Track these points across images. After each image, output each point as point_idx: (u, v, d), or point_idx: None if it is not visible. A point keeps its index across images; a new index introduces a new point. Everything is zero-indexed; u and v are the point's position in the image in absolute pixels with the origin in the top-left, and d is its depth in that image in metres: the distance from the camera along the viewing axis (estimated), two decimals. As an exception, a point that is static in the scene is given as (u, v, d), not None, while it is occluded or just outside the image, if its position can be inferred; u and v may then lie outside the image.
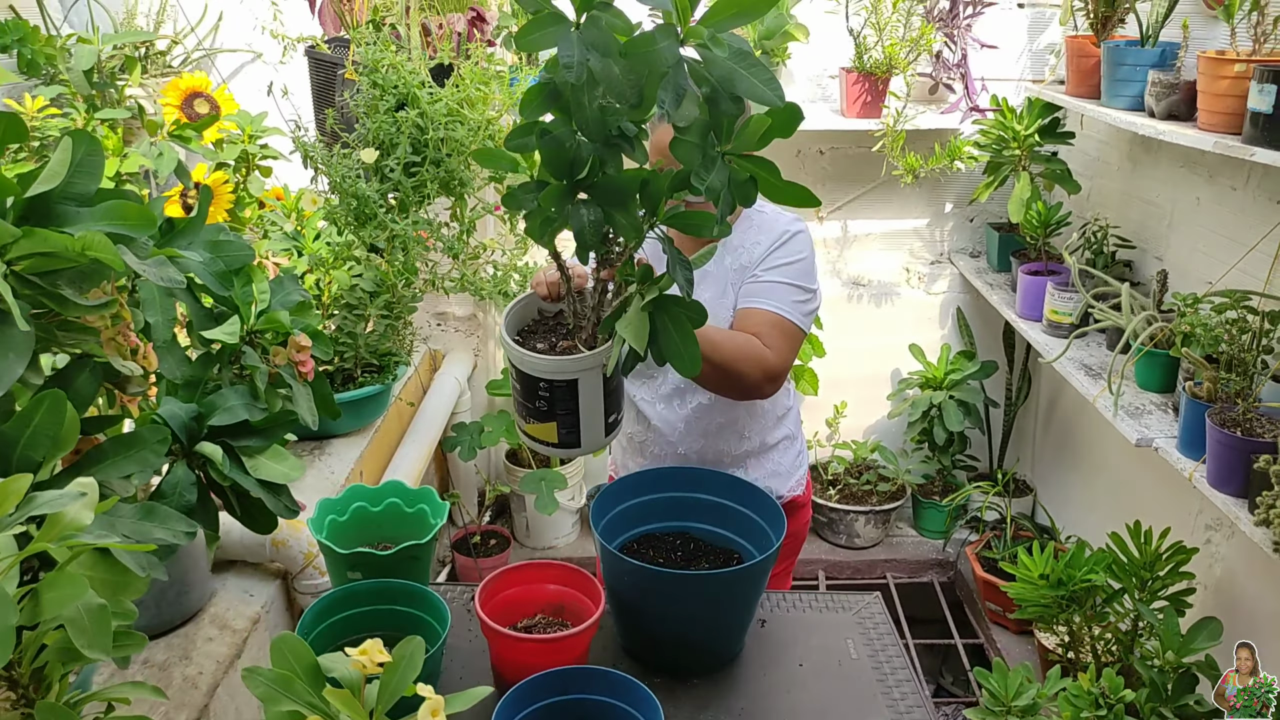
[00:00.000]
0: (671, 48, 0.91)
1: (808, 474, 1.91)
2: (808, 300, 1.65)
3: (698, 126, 0.98)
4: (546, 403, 1.24)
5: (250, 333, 1.25)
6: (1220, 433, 1.74)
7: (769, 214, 1.73)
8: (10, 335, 0.85)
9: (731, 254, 1.70)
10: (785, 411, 1.82)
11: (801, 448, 1.90)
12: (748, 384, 1.58)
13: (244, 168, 2.26)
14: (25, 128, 0.90)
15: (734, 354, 1.54)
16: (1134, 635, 2.03)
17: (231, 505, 1.18)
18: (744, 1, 0.92)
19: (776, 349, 1.59)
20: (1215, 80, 1.92)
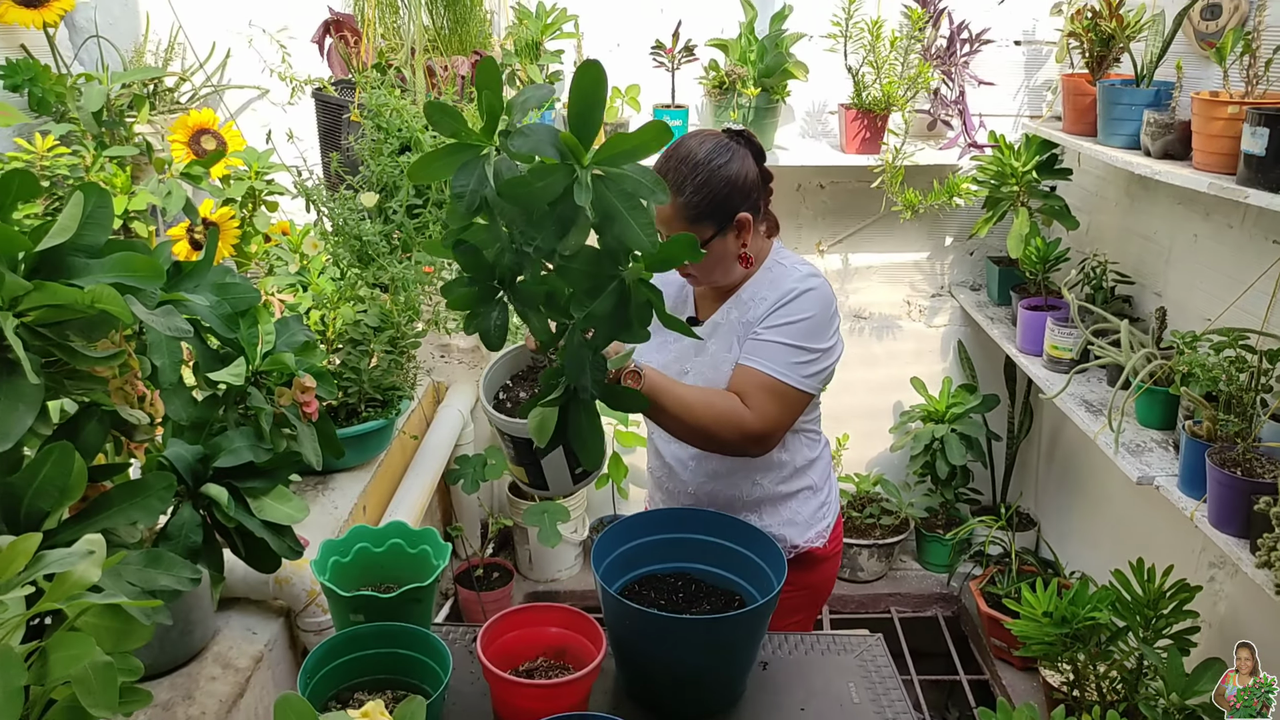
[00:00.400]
0: (554, 186, 0.96)
1: (836, 528, 1.84)
2: (812, 360, 1.61)
3: (586, 254, 1.03)
4: (513, 450, 1.34)
5: (255, 373, 1.27)
6: (1220, 473, 1.74)
7: (786, 266, 1.70)
8: (20, 387, 0.86)
9: (739, 308, 1.69)
10: (806, 463, 1.76)
11: (827, 500, 1.82)
12: (726, 445, 1.62)
13: (250, 203, 2.29)
14: (38, 184, 0.92)
15: (707, 417, 1.56)
16: (1139, 674, 2.02)
17: (236, 546, 1.19)
18: (634, 141, 0.96)
19: (760, 410, 1.59)
20: (1209, 121, 1.94)
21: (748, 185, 1.61)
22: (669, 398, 1.54)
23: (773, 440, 1.63)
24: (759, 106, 2.76)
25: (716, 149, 1.60)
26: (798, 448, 1.74)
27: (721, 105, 2.79)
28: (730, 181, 1.59)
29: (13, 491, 0.87)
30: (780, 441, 1.68)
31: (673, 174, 1.59)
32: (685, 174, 1.58)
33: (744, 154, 1.62)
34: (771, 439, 1.62)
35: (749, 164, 1.62)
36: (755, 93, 2.72)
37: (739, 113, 2.75)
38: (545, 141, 0.95)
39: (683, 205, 1.58)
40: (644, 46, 2.81)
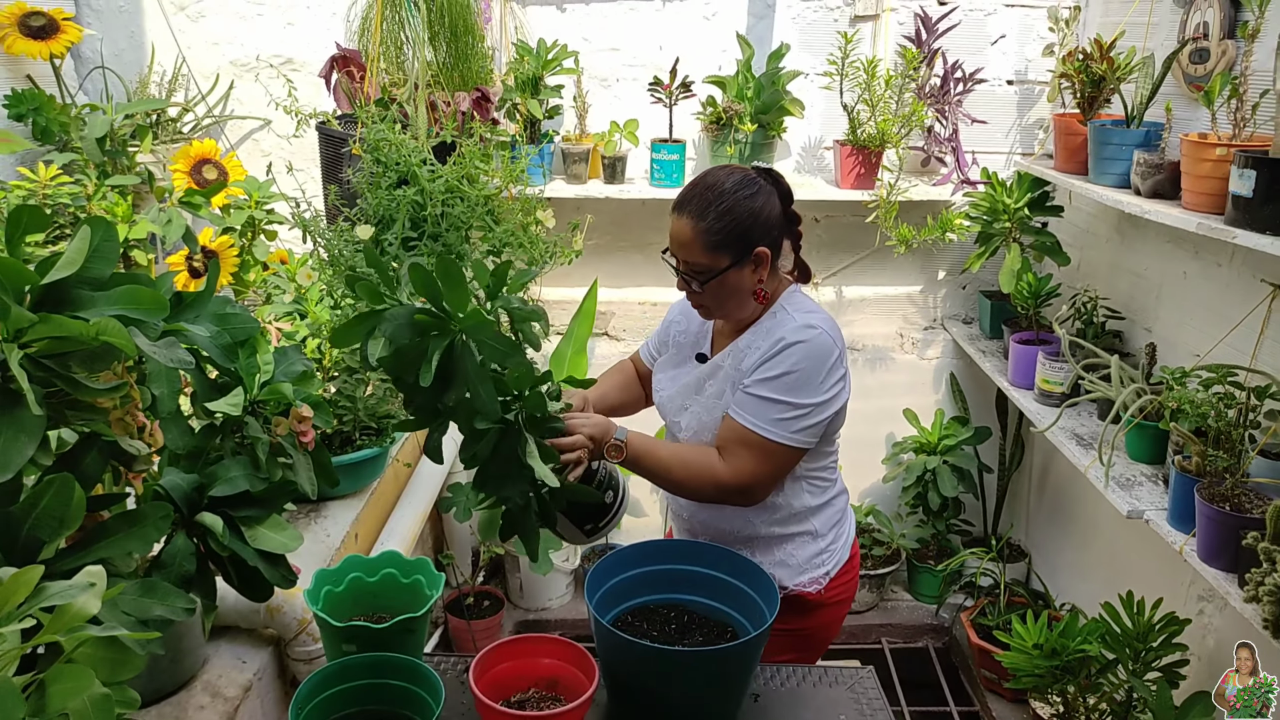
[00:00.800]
0: (415, 358, 1.18)
1: (841, 578, 1.79)
2: (799, 415, 1.59)
3: (465, 406, 1.23)
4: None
5: (253, 403, 1.28)
6: (1209, 508, 1.76)
7: (788, 313, 1.68)
8: (22, 418, 0.88)
9: (735, 355, 1.69)
10: (806, 509, 1.73)
11: (830, 548, 1.77)
12: (707, 499, 1.68)
13: (250, 232, 2.31)
14: (46, 219, 0.94)
15: (683, 475, 1.63)
16: (1128, 706, 2.02)
17: (229, 574, 1.20)
18: (479, 321, 1.19)
19: (735, 465, 1.61)
20: (1198, 163, 1.98)
21: (769, 221, 1.62)
22: (649, 461, 1.63)
23: (757, 492, 1.64)
24: (755, 142, 2.80)
25: (744, 182, 1.61)
26: (796, 493, 1.71)
27: (718, 140, 2.83)
28: (754, 214, 1.59)
29: (12, 521, 0.88)
30: (770, 492, 1.67)
31: (697, 200, 1.60)
32: (710, 201, 1.59)
33: (770, 191, 1.63)
34: (754, 492, 1.64)
35: (773, 202, 1.63)
36: (752, 129, 2.76)
37: (735, 148, 2.79)
38: (403, 325, 1.17)
39: (703, 231, 1.59)
40: (642, 82, 2.85)
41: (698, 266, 1.62)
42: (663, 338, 1.93)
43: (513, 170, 2.09)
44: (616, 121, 2.85)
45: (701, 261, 1.61)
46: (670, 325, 1.90)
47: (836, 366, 1.64)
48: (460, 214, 1.98)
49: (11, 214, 0.90)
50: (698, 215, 1.59)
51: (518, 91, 2.59)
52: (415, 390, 1.20)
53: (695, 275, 1.63)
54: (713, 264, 1.60)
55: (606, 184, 2.87)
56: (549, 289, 3.09)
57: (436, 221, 1.98)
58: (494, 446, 1.28)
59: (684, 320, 1.86)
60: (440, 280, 1.16)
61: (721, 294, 1.64)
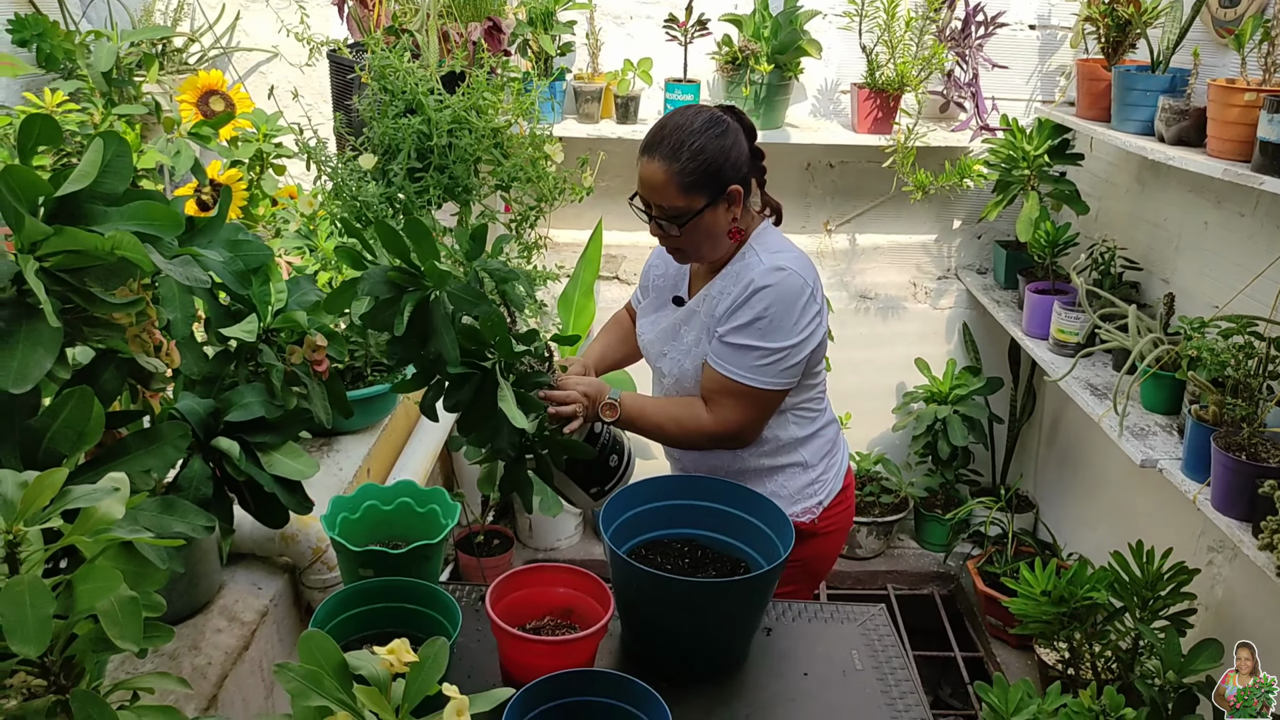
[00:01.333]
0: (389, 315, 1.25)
1: (834, 508, 1.80)
2: (776, 359, 1.59)
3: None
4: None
5: (267, 331, 1.27)
6: (1225, 456, 1.75)
7: (757, 255, 1.65)
8: (40, 330, 0.86)
9: (708, 301, 1.68)
10: (794, 440, 1.74)
11: (821, 478, 1.78)
12: (702, 448, 1.73)
13: (258, 166, 2.28)
14: (59, 129, 0.92)
15: (676, 431, 1.68)
16: (1134, 654, 2.04)
17: (245, 500, 1.20)
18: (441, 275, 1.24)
19: (721, 413, 1.64)
20: (1225, 108, 1.93)
21: (739, 159, 1.61)
22: (643, 421, 1.69)
23: (746, 436, 1.68)
24: (771, 83, 2.75)
25: (712, 120, 1.59)
26: (783, 425, 1.73)
27: (733, 81, 2.77)
28: (724, 152, 1.58)
29: (31, 434, 0.87)
30: (759, 433, 1.70)
31: (667, 142, 1.57)
32: (682, 141, 1.57)
33: (737, 129, 1.62)
34: (743, 436, 1.68)
35: (741, 140, 1.62)
36: (768, 69, 2.70)
37: (751, 89, 2.74)
38: (378, 282, 1.23)
39: (677, 173, 1.56)
40: (657, 19, 2.79)
41: (673, 210, 1.60)
42: (644, 282, 1.92)
43: (522, 103, 2.05)
44: (630, 60, 2.79)
45: (677, 204, 1.59)
46: (650, 270, 1.89)
47: (810, 304, 1.62)
48: (467, 145, 1.95)
49: (24, 123, 0.88)
50: (670, 157, 1.57)
51: (530, 26, 2.54)
52: (396, 343, 1.27)
53: (671, 218, 1.61)
54: (689, 205, 1.59)
55: (619, 124, 2.83)
56: (559, 230, 3.06)
57: (443, 153, 1.94)
58: (474, 393, 1.33)
59: (662, 264, 1.85)
60: (409, 238, 1.22)
61: (697, 235, 1.63)
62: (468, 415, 1.35)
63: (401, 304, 1.24)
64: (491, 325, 1.30)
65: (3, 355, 0.81)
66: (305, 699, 0.71)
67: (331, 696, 0.71)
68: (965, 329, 3.25)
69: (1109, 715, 1.76)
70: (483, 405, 1.34)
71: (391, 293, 1.25)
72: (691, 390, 1.71)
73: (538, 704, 1.09)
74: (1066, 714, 1.78)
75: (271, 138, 2.25)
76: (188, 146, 2.12)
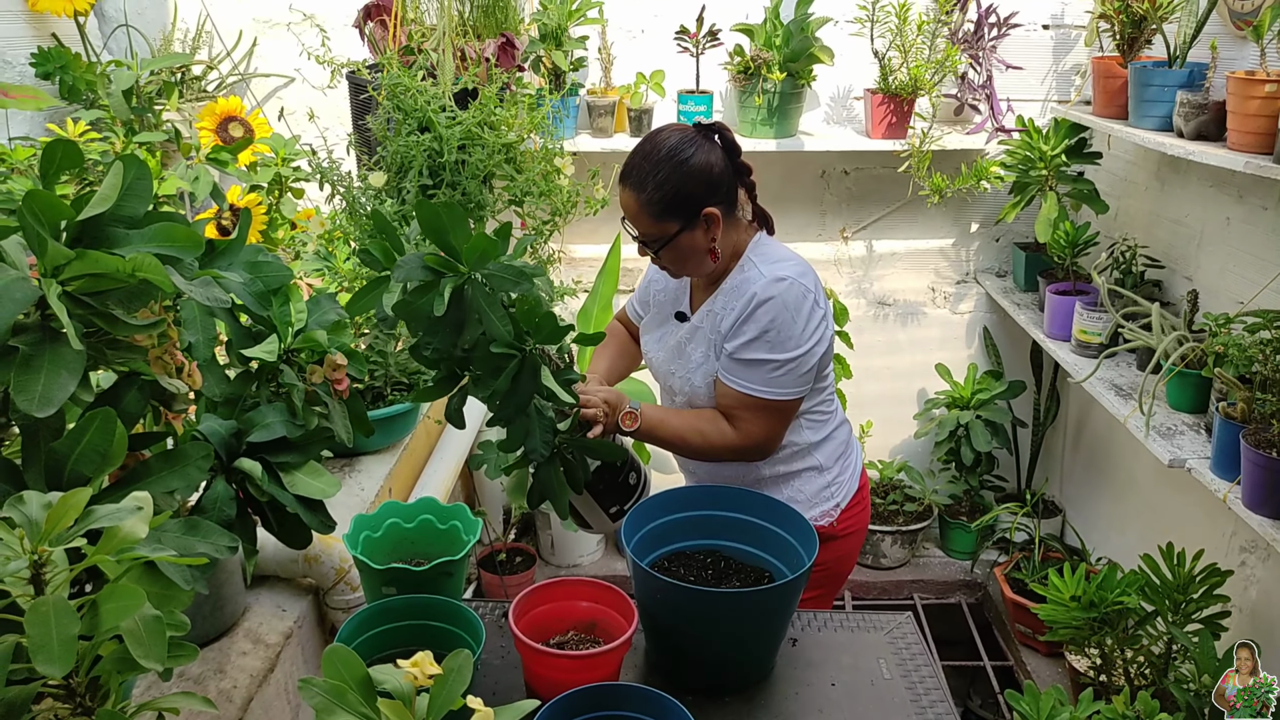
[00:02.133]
0: (427, 302, 1.21)
1: (851, 510, 1.80)
2: (787, 369, 1.60)
3: (483, 344, 1.27)
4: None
5: (288, 351, 1.27)
6: (1255, 454, 1.72)
7: (757, 267, 1.65)
8: (63, 354, 0.87)
9: (710, 317, 1.68)
10: (809, 445, 1.75)
11: (838, 480, 1.79)
12: (724, 460, 1.73)
13: (277, 190, 2.30)
14: (81, 154, 0.93)
15: (699, 443, 1.67)
16: (1168, 658, 2.00)
17: (268, 520, 1.20)
18: (485, 246, 1.20)
19: (745, 428, 1.64)
20: (1245, 100, 1.91)
21: (714, 178, 1.59)
22: (664, 431, 1.68)
23: (769, 447, 1.69)
24: (784, 91, 2.75)
25: (680, 145, 1.58)
26: (796, 430, 1.73)
27: (746, 91, 2.78)
28: (692, 176, 1.57)
29: (56, 457, 0.88)
30: (781, 441, 1.71)
31: (635, 171, 1.59)
32: (646, 171, 1.58)
33: (710, 147, 1.60)
34: (767, 447, 1.68)
35: (714, 157, 1.60)
36: (780, 77, 2.70)
37: (764, 98, 2.74)
38: (415, 267, 1.19)
39: (645, 202, 1.58)
40: (668, 31, 2.80)
41: (649, 235, 1.62)
42: (643, 297, 1.93)
43: (534, 117, 2.06)
44: (642, 73, 2.80)
45: (651, 231, 1.61)
46: (649, 285, 1.90)
47: (814, 310, 1.62)
48: (479, 161, 1.96)
49: (46, 148, 0.89)
50: (637, 187, 1.59)
51: (542, 43, 2.56)
52: (433, 331, 1.23)
53: (649, 243, 1.63)
54: (661, 231, 1.60)
55: (633, 137, 2.83)
56: (575, 245, 3.07)
57: (455, 169, 1.96)
58: (512, 378, 1.30)
59: (661, 279, 1.85)
60: (446, 220, 1.20)
61: (678, 257, 1.64)
62: (504, 404, 1.32)
63: (441, 286, 1.20)
64: (530, 306, 1.27)
65: (27, 379, 0.82)
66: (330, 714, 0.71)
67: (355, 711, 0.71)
68: (986, 333, 3.22)
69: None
70: (520, 394, 1.32)
71: (428, 277, 1.21)
72: (704, 406, 1.71)
73: (564, 719, 1.08)
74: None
75: (290, 161, 2.28)
76: (206, 172, 2.14)
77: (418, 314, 1.23)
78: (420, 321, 1.23)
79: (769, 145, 2.80)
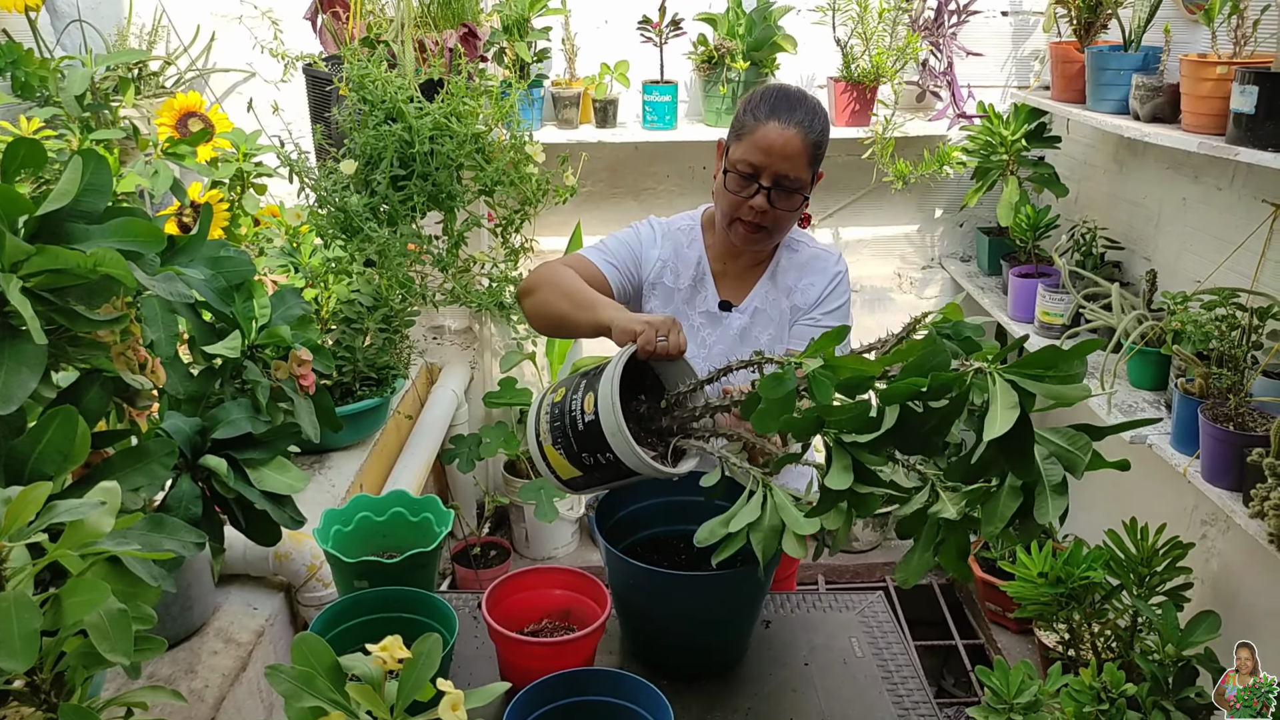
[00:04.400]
0: None
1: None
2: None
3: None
4: (591, 462, 1.24)
5: (251, 347, 1.26)
6: (1213, 428, 1.76)
7: (814, 250, 1.66)
8: (24, 350, 0.86)
9: (786, 295, 1.64)
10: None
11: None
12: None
13: (239, 185, 2.27)
14: (45, 153, 0.92)
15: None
16: (1133, 631, 2.04)
17: (236, 518, 1.19)
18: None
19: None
20: (1198, 83, 1.95)
21: None
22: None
23: None
24: (748, 81, 2.76)
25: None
26: None
27: (711, 80, 2.78)
28: (828, 133, 1.55)
29: (16, 455, 0.87)
30: None
31: (806, 109, 1.50)
32: (817, 112, 1.51)
33: None
34: None
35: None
36: (744, 66, 2.71)
37: (728, 87, 2.75)
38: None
39: (813, 144, 1.50)
40: (631, 22, 2.80)
41: (798, 182, 1.50)
42: (631, 267, 1.63)
43: (501, 108, 2.05)
44: (607, 64, 2.80)
45: (803, 176, 1.50)
46: (662, 266, 1.63)
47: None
48: (449, 152, 1.95)
49: (9, 147, 0.88)
50: (807, 125, 1.48)
51: (505, 34, 2.54)
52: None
53: (793, 190, 1.50)
54: (808, 179, 1.52)
55: (598, 128, 2.83)
56: (545, 237, 3.06)
57: (425, 160, 1.94)
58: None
59: (676, 262, 1.63)
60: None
61: (793, 215, 1.55)
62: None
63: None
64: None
65: (-15, 377, 0.81)
66: (298, 700, 0.71)
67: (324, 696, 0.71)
68: (952, 317, 3.26)
69: (1110, 692, 1.76)
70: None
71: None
72: None
73: (539, 705, 1.08)
74: (1068, 694, 1.78)
75: (251, 156, 2.25)
76: (166, 167, 2.11)
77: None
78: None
79: (734, 134, 2.81)
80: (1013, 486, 1.00)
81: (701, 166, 3.08)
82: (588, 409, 1.21)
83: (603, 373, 1.23)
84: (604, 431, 1.19)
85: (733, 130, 1.56)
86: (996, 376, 0.94)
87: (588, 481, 1.28)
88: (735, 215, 1.54)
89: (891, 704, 1.30)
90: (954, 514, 1.03)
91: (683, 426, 1.28)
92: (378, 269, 2.15)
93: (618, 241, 1.64)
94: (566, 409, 1.25)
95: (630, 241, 1.64)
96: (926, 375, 0.96)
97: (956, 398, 0.95)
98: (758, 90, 1.55)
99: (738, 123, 1.54)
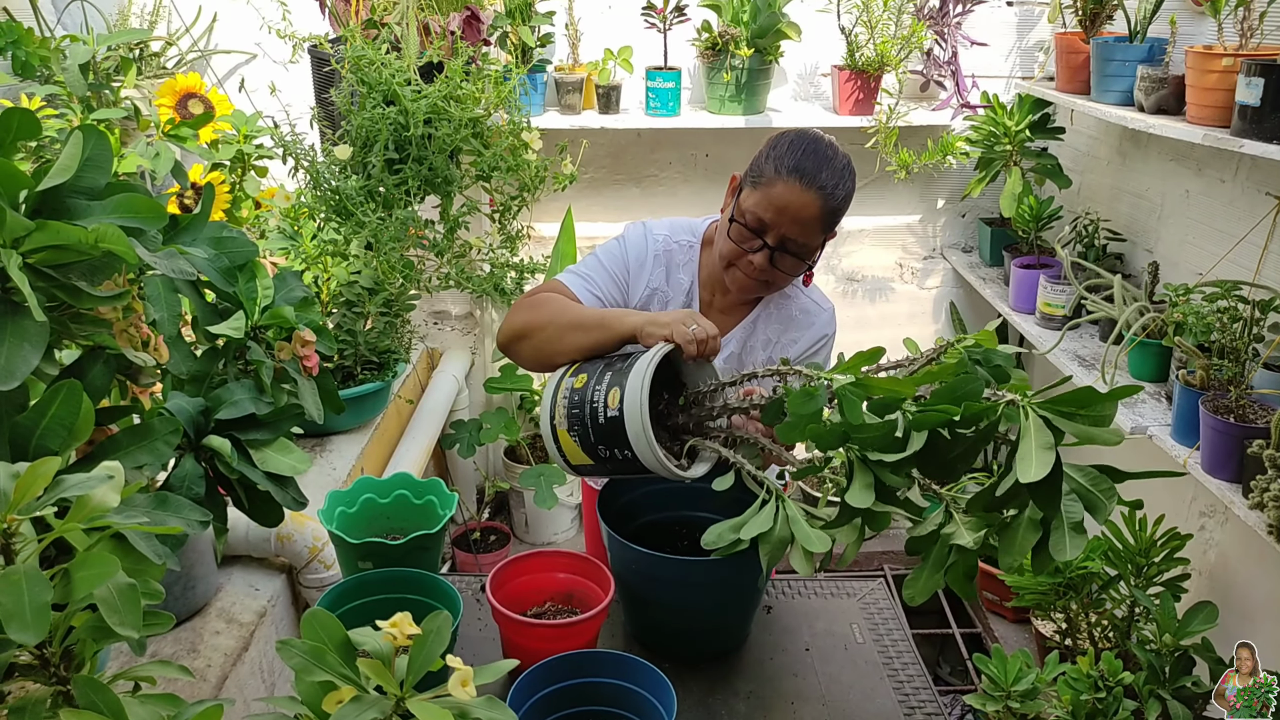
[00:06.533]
0: None
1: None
2: None
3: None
4: (607, 455, 1.22)
5: (255, 328, 1.26)
6: (1214, 419, 1.76)
7: (806, 302, 1.56)
8: (25, 326, 0.86)
9: (764, 347, 1.56)
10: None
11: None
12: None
13: (240, 168, 2.26)
14: (38, 123, 0.91)
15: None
16: (1130, 621, 2.05)
17: (239, 498, 1.19)
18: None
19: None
20: (1203, 74, 1.95)
21: None
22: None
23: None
24: (752, 68, 2.75)
25: (848, 157, 1.43)
26: None
27: (714, 67, 2.77)
28: (851, 196, 1.43)
29: (21, 431, 0.87)
30: None
31: (824, 172, 1.37)
32: (841, 177, 1.39)
33: None
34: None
35: None
36: (748, 54, 2.70)
37: (732, 74, 2.73)
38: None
39: (831, 211, 1.39)
40: (635, 7, 2.78)
41: (806, 248, 1.40)
42: (618, 295, 1.55)
43: (500, 92, 2.04)
44: (610, 49, 2.78)
45: (812, 243, 1.40)
46: (651, 294, 1.55)
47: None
48: (445, 136, 1.94)
49: (2, 116, 0.87)
50: (829, 192, 1.36)
51: (508, 18, 2.53)
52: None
53: (798, 255, 1.41)
54: (816, 245, 1.42)
55: (601, 114, 2.82)
56: (543, 223, 3.05)
57: (421, 143, 1.94)
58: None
59: (666, 289, 1.56)
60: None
61: (792, 273, 1.45)
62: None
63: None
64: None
65: (-12, 352, 0.80)
66: (309, 674, 0.71)
67: (335, 671, 0.71)
68: (953, 307, 3.26)
69: (1107, 681, 1.77)
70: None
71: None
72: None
73: (543, 686, 1.09)
74: (1065, 681, 1.79)
75: (252, 138, 2.24)
76: (167, 148, 2.10)
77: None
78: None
79: (737, 122, 2.80)
80: (1031, 519, 1.00)
81: (704, 154, 3.07)
82: (611, 404, 1.19)
83: (629, 368, 1.21)
84: (627, 432, 1.17)
85: (750, 172, 1.43)
86: (1030, 411, 0.93)
87: (598, 470, 1.27)
88: (733, 262, 1.44)
89: (892, 689, 1.31)
90: (970, 543, 1.03)
91: (699, 425, 1.28)
92: (375, 252, 2.15)
93: (602, 268, 1.54)
94: (588, 399, 1.22)
95: (616, 268, 1.55)
96: (959, 403, 0.95)
97: (985, 428, 0.95)
98: (787, 136, 1.41)
99: (756, 167, 1.41)
